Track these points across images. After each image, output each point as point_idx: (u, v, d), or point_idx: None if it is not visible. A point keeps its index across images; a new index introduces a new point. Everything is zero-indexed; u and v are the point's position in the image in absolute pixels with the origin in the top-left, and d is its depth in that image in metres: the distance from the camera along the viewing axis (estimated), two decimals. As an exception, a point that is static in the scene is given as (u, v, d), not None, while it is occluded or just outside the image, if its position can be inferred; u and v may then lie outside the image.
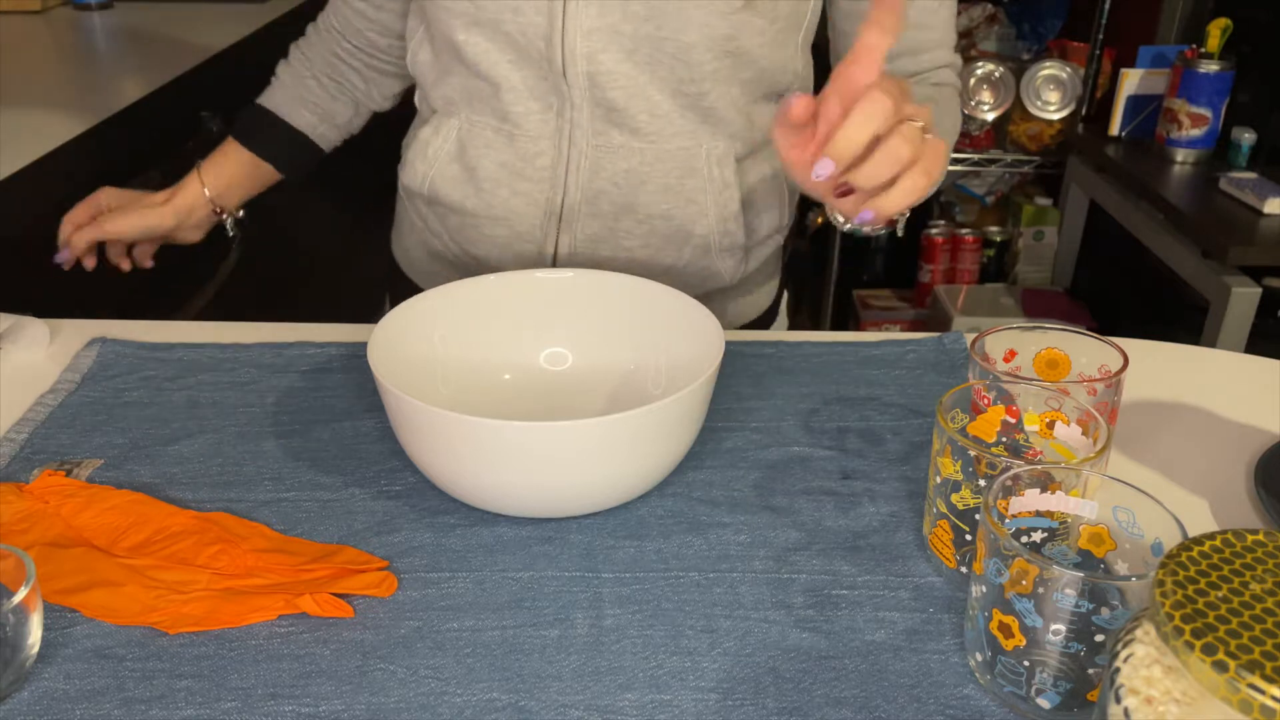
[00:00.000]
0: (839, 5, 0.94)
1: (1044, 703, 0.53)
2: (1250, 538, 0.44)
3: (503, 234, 0.94)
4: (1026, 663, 0.52)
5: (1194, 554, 0.43)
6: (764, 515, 0.69)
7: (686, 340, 0.75)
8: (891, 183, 0.64)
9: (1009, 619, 0.52)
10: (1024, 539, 0.58)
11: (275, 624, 0.59)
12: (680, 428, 0.67)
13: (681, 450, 0.69)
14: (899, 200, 0.65)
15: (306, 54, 1.07)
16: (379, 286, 1.15)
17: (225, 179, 1.06)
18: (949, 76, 0.97)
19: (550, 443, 0.62)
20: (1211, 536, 0.44)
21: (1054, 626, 0.51)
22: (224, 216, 1.08)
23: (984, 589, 0.54)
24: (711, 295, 0.99)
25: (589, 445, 0.62)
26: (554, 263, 0.94)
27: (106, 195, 1.05)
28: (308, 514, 0.68)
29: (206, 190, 1.05)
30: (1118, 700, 0.42)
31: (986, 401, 0.65)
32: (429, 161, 0.95)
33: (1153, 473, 0.73)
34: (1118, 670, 0.42)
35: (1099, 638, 0.50)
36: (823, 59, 0.94)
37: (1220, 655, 0.38)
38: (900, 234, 0.82)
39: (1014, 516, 0.57)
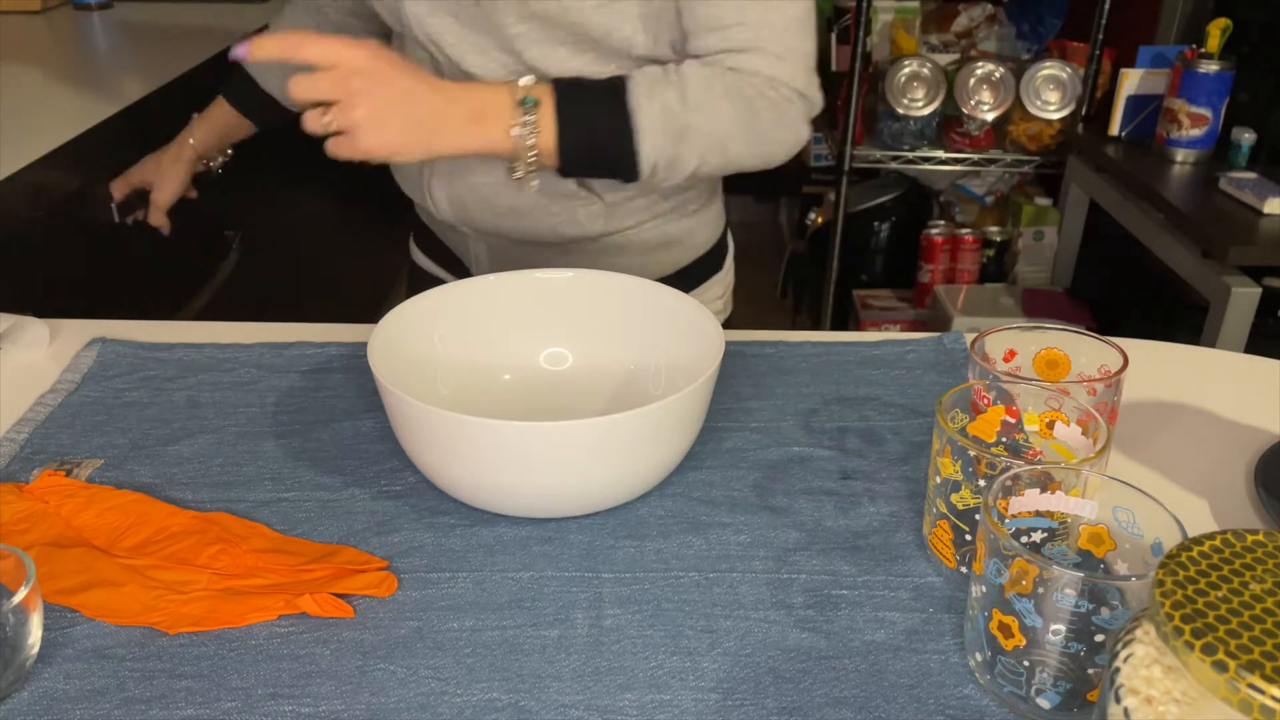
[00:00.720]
0: None
1: (1044, 703, 0.53)
2: (1250, 538, 0.44)
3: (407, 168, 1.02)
4: (1026, 663, 0.52)
5: (1194, 554, 0.43)
6: (764, 515, 0.69)
7: (686, 340, 0.75)
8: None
9: (1009, 619, 0.52)
10: (1024, 539, 0.58)
11: (275, 624, 0.59)
12: (680, 428, 0.67)
13: (682, 450, 0.69)
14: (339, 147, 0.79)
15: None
16: (379, 287, 1.15)
17: (215, 132, 1.24)
18: (757, 77, 0.89)
19: (550, 443, 0.62)
20: (1211, 536, 0.44)
21: (1054, 626, 0.51)
22: (209, 163, 1.25)
23: (984, 589, 0.54)
24: (597, 243, 1.00)
25: (589, 445, 0.62)
26: (434, 206, 0.99)
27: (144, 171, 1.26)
28: (308, 514, 0.68)
29: (193, 141, 1.23)
30: (1118, 700, 0.42)
31: (986, 401, 0.65)
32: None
33: (1153, 473, 0.73)
34: (1118, 670, 0.42)
35: (1099, 638, 0.50)
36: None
37: (1220, 655, 0.38)
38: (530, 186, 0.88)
39: (1014, 516, 0.57)
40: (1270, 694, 0.36)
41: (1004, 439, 0.64)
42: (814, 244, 2.71)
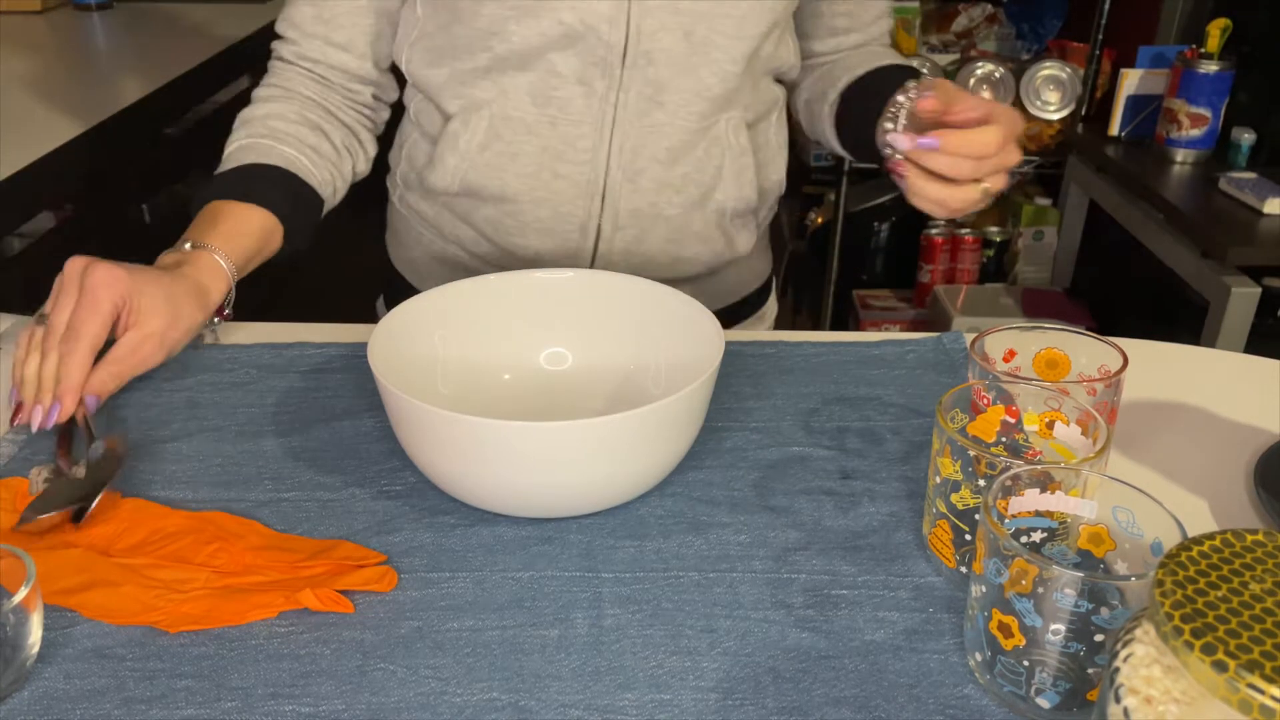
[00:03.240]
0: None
1: (1043, 702, 0.53)
2: (1250, 538, 0.44)
3: (545, 215, 0.94)
4: (1026, 662, 0.52)
5: (1194, 554, 0.43)
6: (764, 515, 0.69)
7: (686, 340, 0.75)
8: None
9: (1008, 619, 0.52)
10: (1023, 539, 0.58)
11: (275, 624, 0.59)
12: (680, 428, 0.67)
13: (681, 450, 0.69)
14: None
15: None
16: (377, 288, 1.15)
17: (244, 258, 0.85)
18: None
19: (550, 443, 0.62)
20: (1211, 536, 0.44)
21: (1053, 626, 0.51)
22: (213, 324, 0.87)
23: (983, 589, 0.54)
24: (726, 264, 1.02)
25: (589, 445, 0.62)
26: (597, 238, 0.95)
27: (96, 316, 0.74)
28: (307, 514, 0.68)
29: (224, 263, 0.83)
30: (1117, 700, 0.42)
31: (986, 401, 0.65)
32: (461, 154, 0.94)
33: (1153, 473, 0.73)
34: (1117, 670, 0.42)
35: (1098, 637, 0.50)
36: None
37: (1220, 655, 0.38)
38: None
39: (1013, 516, 0.57)
40: (1270, 694, 0.36)
41: (1004, 439, 0.64)
42: (814, 244, 2.71)
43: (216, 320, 0.84)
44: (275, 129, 0.91)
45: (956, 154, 0.76)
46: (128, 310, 0.75)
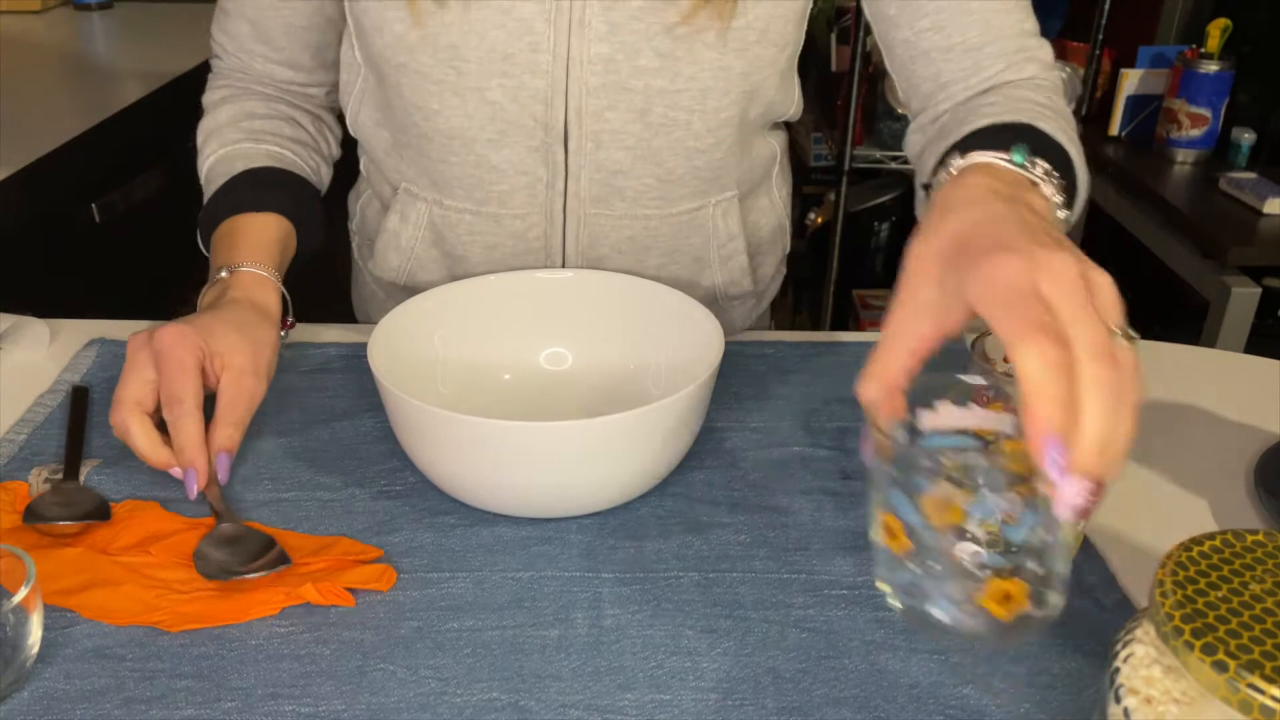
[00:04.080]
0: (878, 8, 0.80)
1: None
2: (1250, 538, 0.44)
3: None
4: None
5: (1194, 554, 0.43)
6: (764, 515, 0.69)
7: (686, 340, 0.75)
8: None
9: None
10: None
11: (275, 624, 0.59)
12: (680, 428, 0.67)
13: (681, 450, 0.69)
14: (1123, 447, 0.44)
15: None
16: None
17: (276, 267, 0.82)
18: (1036, 85, 0.77)
19: (550, 442, 0.62)
20: (1211, 536, 0.44)
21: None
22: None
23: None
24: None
25: (589, 445, 0.62)
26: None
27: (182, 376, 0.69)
28: (307, 514, 0.68)
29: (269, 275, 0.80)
30: (1118, 700, 0.42)
31: (986, 402, 0.65)
32: (404, 253, 0.89)
33: (1153, 473, 0.73)
34: (1118, 670, 0.42)
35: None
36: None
37: (1220, 655, 0.38)
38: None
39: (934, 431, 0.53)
40: (1270, 694, 0.36)
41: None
42: (814, 244, 2.71)
43: (284, 333, 0.81)
44: (250, 130, 0.87)
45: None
46: (209, 357, 0.70)
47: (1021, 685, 0.56)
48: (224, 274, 0.78)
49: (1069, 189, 0.64)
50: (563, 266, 0.87)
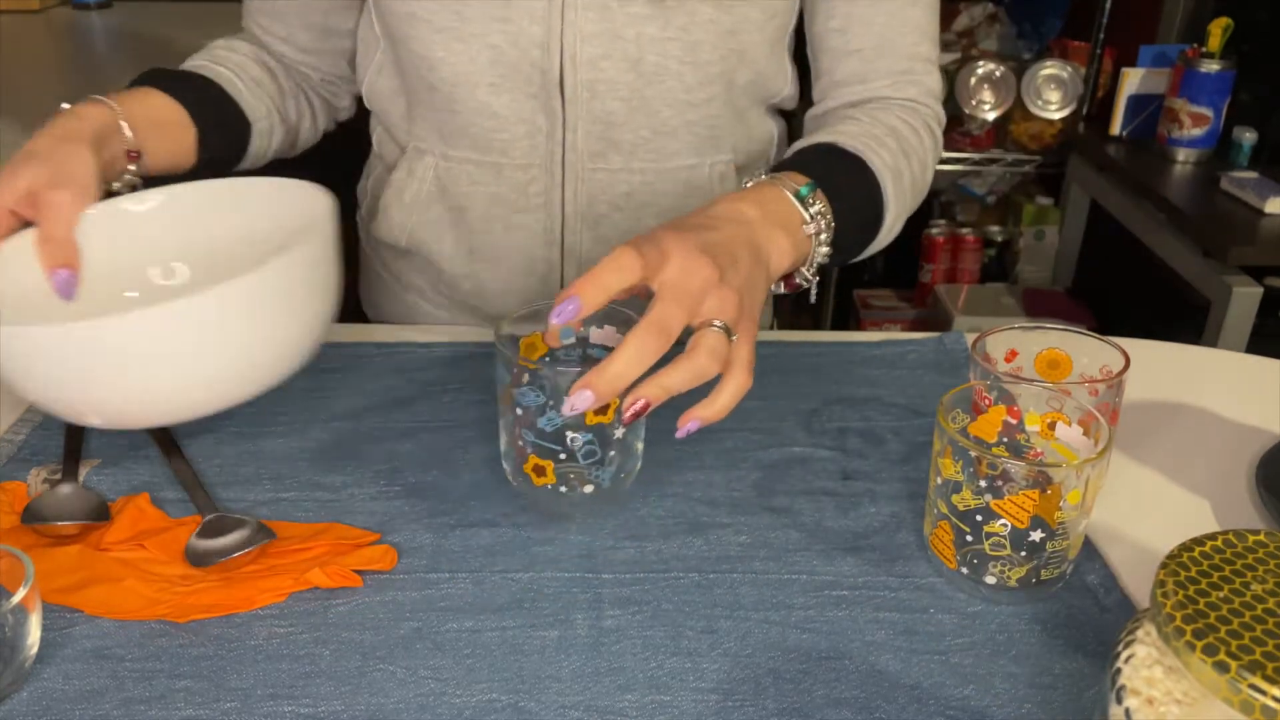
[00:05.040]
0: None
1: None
2: (1251, 538, 0.44)
3: (504, 272, 0.91)
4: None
5: (1195, 554, 0.43)
6: (764, 515, 0.69)
7: (294, 221, 0.71)
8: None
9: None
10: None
11: (275, 624, 0.59)
12: (284, 300, 0.63)
13: (305, 327, 0.66)
14: (726, 404, 0.58)
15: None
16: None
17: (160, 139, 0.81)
18: (912, 109, 0.85)
19: (151, 331, 0.58)
20: (1213, 537, 0.44)
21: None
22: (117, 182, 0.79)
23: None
24: None
25: (190, 328, 0.59)
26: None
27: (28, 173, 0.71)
28: (307, 514, 0.68)
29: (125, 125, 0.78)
30: (1119, 701, 0.42)
31: (988, 402, 0.65)
32: (407, 208, 0.90)
33: (1154, 473, 0.73)
34: (1119, 670, 0.42)
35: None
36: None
37: (1221, 656, 0.38)
38: (813, 299, 0.76)
39: None
40: (1272, 695, 0.36)
41: (1005, 440, 0.64)
42: (814, 244, 2.70)
43: (131, 170, 0.78)
44: (219, 57, 0.90)
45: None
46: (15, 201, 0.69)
47: (1022, 686, 0.56)
48: (63, 106, 0.76)
49: (857, 230, 0.75)
50: (561, 224, 0.87)
